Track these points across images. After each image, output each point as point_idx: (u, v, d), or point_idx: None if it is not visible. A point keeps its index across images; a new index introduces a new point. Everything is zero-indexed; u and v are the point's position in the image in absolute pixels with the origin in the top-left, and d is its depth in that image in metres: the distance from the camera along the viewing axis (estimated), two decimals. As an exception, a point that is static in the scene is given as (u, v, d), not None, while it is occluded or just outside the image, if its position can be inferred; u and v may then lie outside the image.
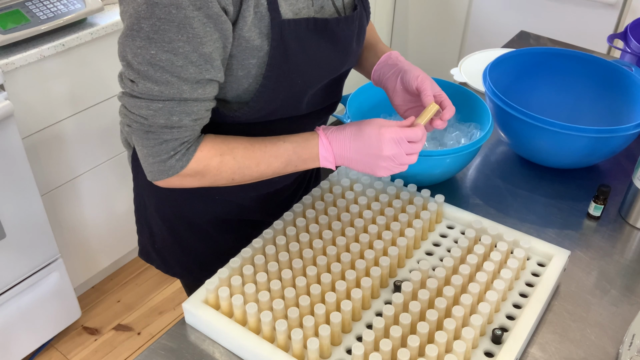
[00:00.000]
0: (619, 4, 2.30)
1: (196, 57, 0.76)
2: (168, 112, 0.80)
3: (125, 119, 0.83)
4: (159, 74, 0.77)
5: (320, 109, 1.00)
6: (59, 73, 1.67)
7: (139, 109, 0.80)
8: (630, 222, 1.12)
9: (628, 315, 0.93)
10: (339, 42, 0.90)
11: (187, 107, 0.80)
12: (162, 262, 1.15)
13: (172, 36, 0.74)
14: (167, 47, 0.75)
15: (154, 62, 0.76)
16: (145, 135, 0.82)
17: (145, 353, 0.88)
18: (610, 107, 1.30)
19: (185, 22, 0.73)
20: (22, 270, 1.73)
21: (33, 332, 1.85)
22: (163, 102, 0.79)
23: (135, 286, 2.22)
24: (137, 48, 0.76)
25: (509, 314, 0.90)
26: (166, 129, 0.81)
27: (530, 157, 1.24)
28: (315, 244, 0.95)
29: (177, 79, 0.77)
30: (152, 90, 0.78)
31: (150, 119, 0.80)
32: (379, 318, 0.83)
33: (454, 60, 2.87)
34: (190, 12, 0.73)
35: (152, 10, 0.73)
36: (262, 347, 0.82)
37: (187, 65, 0.77)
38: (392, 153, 0.88)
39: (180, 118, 0.81)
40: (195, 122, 0.83)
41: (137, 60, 0.76)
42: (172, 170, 0.84)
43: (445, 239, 1.03)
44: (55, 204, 1.83)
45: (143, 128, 0.81)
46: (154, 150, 0.83)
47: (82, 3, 1.68)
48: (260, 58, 0.83)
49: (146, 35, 0.74)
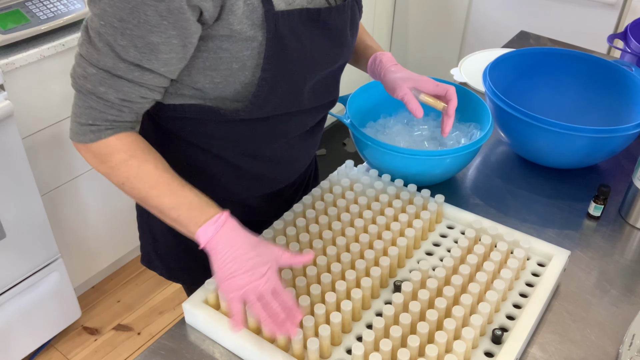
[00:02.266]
0: (619, 4, 2.30)
1: (141, 43, 0.77)
2: (98, 80, 0.80)
3: (71, 71, 0.84)
4: (102, 44, 0.78)
5: (319, 105, 1.00)
6: (59, 73, 1.67)
7: (78, 67, 0.82)
8: (630, 222, 1.12)
9: (628, 315, 0.93)
10: (332, 31, 0.90)
11: (117, 84, 0.81)
12: (166, 268, 1.14)
13: (123, 15, 0.75)
14: (116, 24, 0.76)
15: (102, 32, 0.77)
16: (77, 94, 0.83)
17: (145, 353, 0.88)
18: (610, 107, 1.30)
19: (140, 8, 0.74)
20: (22, 270, 1.73)
21: (33, 332, 1.85)
22: (97, 69, 0.80)
23: (135, 286, 2.22)
24: (94, 15, 0.77)
25: (509, 314, 0.90)
26: (93, 96, 0.82)
27: (530, 157, 1.24)
28: (315, 244, 0.95)
29: (116, 56, 0.78)
30: (92, 55, 0.79)
31: (81, 80, 0.81)
32: (379, 318, 0.83)
33: (454, 60, 2.87)
34: (149, 1, 0.73)
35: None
36: (262, 347, 0.82)
37: (128, 47, 0.77)
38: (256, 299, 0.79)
39: (106, 91, 0.81)
40: (122, 102, 0.83)
41: (91, 25, 0.78)
42: (83, 137, 0.84)
43: (445, 239, 1.03)
44: (55, 204, 1.83)
45: (76, 86, 0.83)
46: (79, 110, 0.84)
47: (82, 3, 1.68)
48: (254, 49, 0.83)
49: (103, 7, 0.75)
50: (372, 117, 1.26)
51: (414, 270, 0.92)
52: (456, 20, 2.77)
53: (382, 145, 1.08)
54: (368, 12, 2.74)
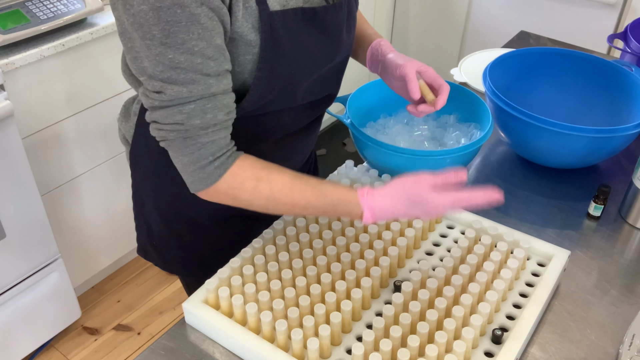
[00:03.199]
0: (619, 4, 2.30)
1: (211, 51, 0.78)
2: (201, 110, 0.80)
3: (161, 134, 0.82)
4: (183, 75, 0.77)
5: (317, 99, 1.00)
6: (59, 73, 1.67)
7: (173, 117, 0.80)
8: (630, 222, 1.12)
9: (628, 315, 0.93)
10: (328, 30, 0.91)
11: (218, 102, 0.81)
12: (161, 259, 1.15)
13: (184, 36, 0.75)
14: (182, 49, 0.75)
15: (175, 66, 0.76)
16: (184, 142, 0.81)
17: (145, 353, 0.88)
18: (610, 107, 1.30)
19: (193, 19, 0.74)
20: (22, 270, 1.73)
21: (33, 332, 1.85)
22: (194, 102, 0.79)
23: (135, 286, 2.22)
24: (155, 56, 0.76)
25: (509, 314, 0.90)
26: (202, 131, 0.81)
27: (530, 157, 1.24)
28: (315, 244, 0.95)
29: (202, 75, 0.78)
30: (181, 93, 0.78)
31: (186, 123, 0.80)
32: (379, 318, 0.83)
33: (454, 60, 2.87)
34: (195, 9, 0.74)
35: (158, 15, 0.73)
36: (262, 347, 0.82)
37: (206, 61, 0.78)
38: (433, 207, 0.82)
39: (214, 114, 0.81)
40: (228, 115, 0.83)
41: (159, 69, 0.77)
42: (211, 177, 0.83)
43: (445, 239, 1.03)
44: (55, 204, 1.83)
45: (180, 135, 0.81)
46: (194, 157, 0.82)
47: (82, 3, 1.68)
48: (255, 54, 0.84)
49: (159, 42, 0.75)
50: (372, 117, 1.26)
51: (414, 270, 0.92)
52: (456, 20, 2.77)
53: (382, 145, 1.08)
54: (368, 12, 2.74)
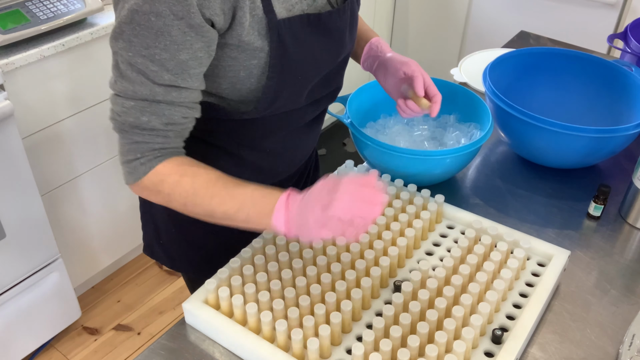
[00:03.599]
0: (619, 4, 2.30)
1: (172, 65, 0.78)
2: (139, 111, 0.81)
3: (109, 115, 0.85)
4: (135, 75, 0.79)
5: (320, 97, 1.01)
6: (59, 73, 1.67)
7: (115, 106, 0.82)
8: (630, 222, 1.12)
9: (628, 315, 0.93)
10: (333, 34, 0.91)
11: (159, 109, 0.81)
12: (167, 257, 1.15)
13: (149, 42, 0.76)
14: (144, 52, 0.77)
15: (132, 63, 0.78)
16: (120, 133, 0.83)
17: (145, 353, 0.88)
18: (610, 107, 1.30)
19: (164, 30, 0.75)
20: (22, 270, 1.73)
21: (33, 332, 1.85)
22: (135, 100, 0.80)
23: (135, 286, 2.22)
24: (119, 49, 0.78)
25: (509, 314, 0.90)
26: (137, 130, 0.82)
27: (530, 157, 1.24)
28: (315, 244, 0.95)
29: (150, 82, 0.79)
30: (127, 89, 0.80)
31: (122, 116, 0.81)
32: (379, 318, 0.83)
33: (454, 60, 2.87)
34: (170, 21, 0.74)
35: (132, 17, 0.75)
36: (262, 347, 0.82)
37: (161, 72, 0.78)
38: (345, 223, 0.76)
39: (149, 119, 0.81)
40: (167, 126, 0.82)
41: (120, 60, 0.79)
42: (135, 173, 0.84)
43: (445, 239, 1.03)
44: (55, 204, 1.83)
45: (117, 125, 0.83)
46: (124, 149, 0.84)
47: (82, 3, 1.68)
48: (262, 59, 0.84)
49: (127, 38, 0.77)
50: (372, 117, 1.26)
51: (414, 270, 0.92)
52: (456, 20, 2.77)
53: (382, 145, 1.08)
54: (368, 12, 2.74)
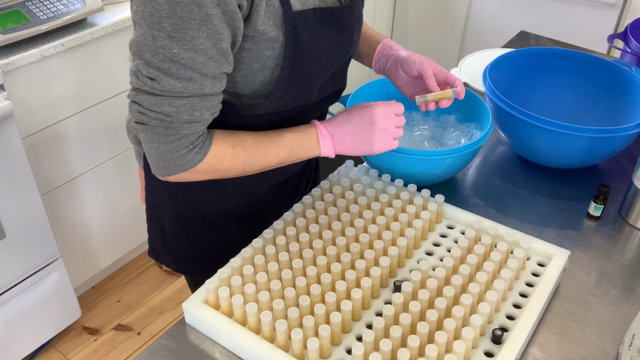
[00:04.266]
0: (619, 4, 2.30)
1: (215, 52, 0.78)
2: (191, 107, 0.81)
3: (142, 118, 0.82)
4: (182, 71, 0.78)
5: (327, 96, 1.03)
6: (59, 73, 1.67)
7: (161, 107, 0.80)
8: (630, 222, 1.12)
9: (628, 315, 0.93)
10: (344, 29, 0.93)
11: (208, 102, 0.83)
12: (173, 259, 1.16)
13: (193, 34, 0.76)
14: (188, 45, 0.76)
15: (176, 60, 0.77)
16: (165, 131, 0.83)
17: (145, 353, 0.88)
18: (610, 107, 1.30)
19: (206, 20, 0.75)
20: (22, 270, 1.73)
21: (33, 332, 1.85)
22: (186, 98, 0.80)
23: (135, 286, 2.22)
24: (159, 47, 0.77)
25: (509, 314, 0.90)
26: (186, 124, 0.83)
27: (530, 157, 1.24)
28: (315, 244, 0.95)
29: (199, 75, 0.79)
30: (175, 87, 0.79)
31: (173, 116, 0.81)
32: (379, 318, 0.83)
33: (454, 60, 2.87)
34: (211, 10, 0.75)
35: (173, 10, 0.74)
36: (262, 347, 0.82)
37: (207, 62, 0.79)
38: (384, 125, 0.95)
39: (201, 113, 0.83)
40: (212, 115, 0.85)
41: (158, 59, 0.77)
42: (191, 163, 0.85)
43: (445, 239, 1.03)
44: (55, 204, 1.83)
45: (164, 125, 0.82)
46: (173, 145, 0.83)
47: (82, 3, 1.68)
48: (276, 49, 0.85)
49: (167, 34, 0.76)
50: (372, 117, 1.26)
51: (414, 270, 0.92)
52: (456, 20, 2.77)
53: (382, 145, 1.08)
54: (368, 12, 2.74)
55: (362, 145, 0.96)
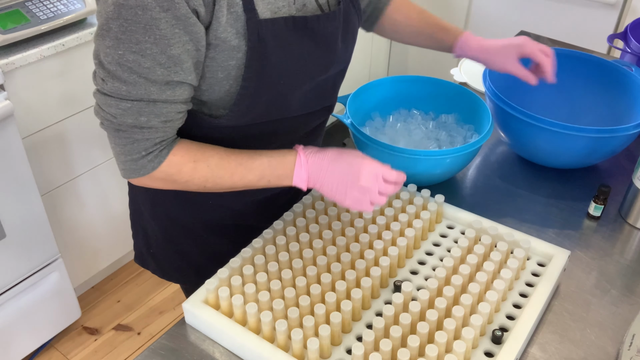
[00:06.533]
0: (619, 4, 2.30)
1: (164, 58, 0.77)
2: (136, 112, 0.80)
3: (98, 117, 0.83)
4: (127, 74, 0.77)
5: (312, 111, 0.99)
6: (59, 73, 1.67)
7: (109, 107, 0.80)
8: (630, 222, 1.12)
9: (628, 315, 0.93)
10: (321, 40, 0.89)
11: (156, 109, 0.80)
12: (158, 266, 1.14)
13: (139, 37, 0.74)
14: (134, 48, 0.75)
15: (122, 62, 0.76)
16: (116, 133, 0.82)
17: (145, 353, 0.88)
18: (610, 107, 1.30)
19: (152, 24, 0.74)
20: (22, 270, 1.73)
21: (33, 332, 1.85)
22: (131, 102, 0.79)
23: (135, 286, 2.22)
24: (107, 47, 0.76)
25: (509, 314, 0.90)
26: (136, 129, 0.81)
27: (530, 157, 1.24)
28: (315, 244, 0.95)
29: (145, 80, 0.78)
30: (120, 89, 0.78)
31: (118, 118, 0.80)
32: (379, 318, 0.83)
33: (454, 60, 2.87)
34: (157, 14, 0.73)
35: (119, 12, 0.73)
36: (262, 347, 0.82)
37: (154, 67, 0.77)
38: (368, 185, 0.86)
39: (148, 119, 0.81)
40: (165, 123, 0.83)
41: (107, 60, 0.77)
42: (144, 170, 0.84)
43: (445, 239, 1.03)
44: (55, 204, 1.83)
45: (113, 126, 0.82)
46: (126, 149, 0.83)
47: (82, 3, 1.68)
48: (239, 59, 0.82)
49: (115, 36, 0.75)
50: (372, 117, 1.26)
51: (414, 270, 0.92)
52: (456, 20, 2.77)
53: (382, 145, 1.08)
54: (368, 12, 2.74)
55: (335, 192, 0.88)
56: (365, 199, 0.87)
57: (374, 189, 0.87)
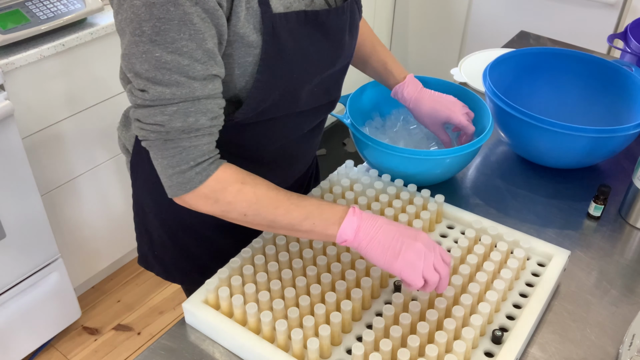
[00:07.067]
0: (619, 4, 2.30)
1: (200, 54, 0.76)
2: (183, 113, 0.78)
3: (142, 133, 0.81)
4: (168, 76, 0.76)
5: (319, 106, 0.99)
6: (58, 73, 1.67)
7: (154, 117, 0.78)
8: (630, 222, 1.12)
9: (628, 315, 0.93)
10: (330, 34, 0.90)
11: (202, 106, 0.79)
12: (162, 268, 1.14)
13: (174, 35, 0.74)
14: (170, 48, 0.74)
15: (161, 66, 0.75)
16: (164, 144, 0.80)
17: (145, 353, 0.88)
18: (610, 107, 1.30)
19: (185, 19, 0.73)
20: (22, 270, 1.73)
21: (33, 332, 1.85)
22: (177, 104, 0.78)
23: (135, 286, 2.22)
24: (142, 53, 0.75)
25: (509, 314, 0.90)
26: (184, 134, 0.79)
27: (530, 157, 1.24)
28: (315, 243, 0.95)
29: (187, 78, 0.77)
30: (164, 94, 0.77)
31: (167, 125, 0.78)
32: (379, 318, 0.83)
33: (454, 60, 2.87)
34: (189, 8, 0.73)
35: (150, 11, 0.72)
36: (262, 347, 0.82)
37: (193, 64, 0.76)
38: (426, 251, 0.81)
39: (196, 118, 0.79)
40: (212, 121, 0.81)
41: (144, 68, 0.76)
42: (191, 183, 0.81)
43: (445, 239, 1.03)
44: (55, 204, 1.83)
45: (161, 137, 0.80)
46: (174, 160, 0.81)
47: (82, 3, 1.68)
48: (256, 55, 0.83)
49: (149, 39, 0.74)
50: (372, 117, 1.26)
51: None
52: (456, 20, 2.77)
53: (382, 145, 1.08)
54: (368, 13, 2.74)
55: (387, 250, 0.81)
56: (419, 264, 0.80)
57: (430, 256, 0.81)
